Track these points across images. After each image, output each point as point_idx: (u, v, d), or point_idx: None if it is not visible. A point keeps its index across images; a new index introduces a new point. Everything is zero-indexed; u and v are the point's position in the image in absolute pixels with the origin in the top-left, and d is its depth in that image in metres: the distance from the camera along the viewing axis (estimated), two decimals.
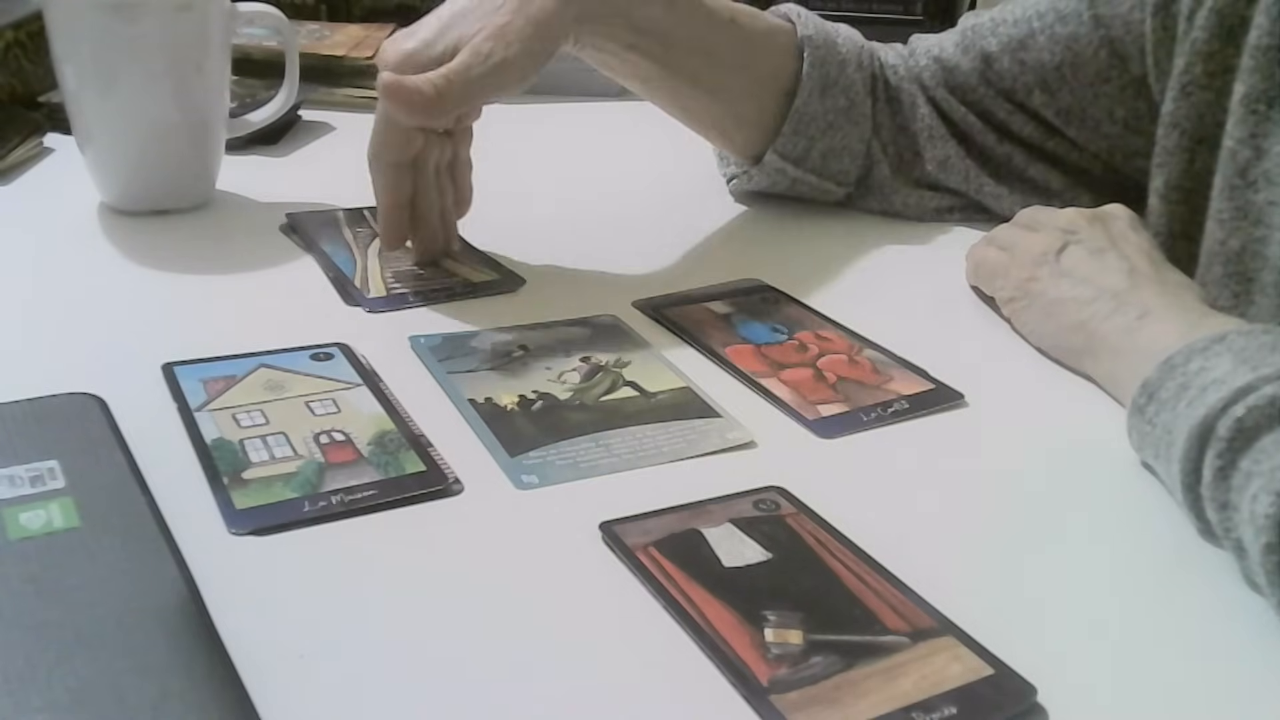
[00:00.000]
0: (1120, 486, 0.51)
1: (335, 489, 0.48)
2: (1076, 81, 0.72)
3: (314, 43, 1.04)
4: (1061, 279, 0.61)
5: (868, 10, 1.23)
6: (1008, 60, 0.73)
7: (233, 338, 0.59)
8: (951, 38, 0.78)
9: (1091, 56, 0.70)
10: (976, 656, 0.39)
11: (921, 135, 0.77)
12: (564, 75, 1.10)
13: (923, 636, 0.40)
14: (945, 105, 0.77)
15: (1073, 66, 0.71)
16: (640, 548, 0.44)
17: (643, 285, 0.68)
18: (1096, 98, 0.71)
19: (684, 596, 0.42)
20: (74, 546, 0.43)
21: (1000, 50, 0.74)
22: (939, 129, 0.77)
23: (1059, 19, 0.72)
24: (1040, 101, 0.74)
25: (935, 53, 0.78)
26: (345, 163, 0.89)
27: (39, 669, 0.37)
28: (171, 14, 0.71)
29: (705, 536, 0.45)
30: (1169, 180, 0.67)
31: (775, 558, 0.44)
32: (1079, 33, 0.71)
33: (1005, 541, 0.47)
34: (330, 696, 0.38)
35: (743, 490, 0.49)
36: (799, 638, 0.40)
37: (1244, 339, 0.49)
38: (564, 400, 0.56)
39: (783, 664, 0.39)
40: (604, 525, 0.46)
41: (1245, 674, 0.41)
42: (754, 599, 0.42)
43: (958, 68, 0.76)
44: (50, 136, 0.88)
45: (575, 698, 0.38)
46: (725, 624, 0.41)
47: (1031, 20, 0.73)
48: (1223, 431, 0.45)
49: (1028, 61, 0.73)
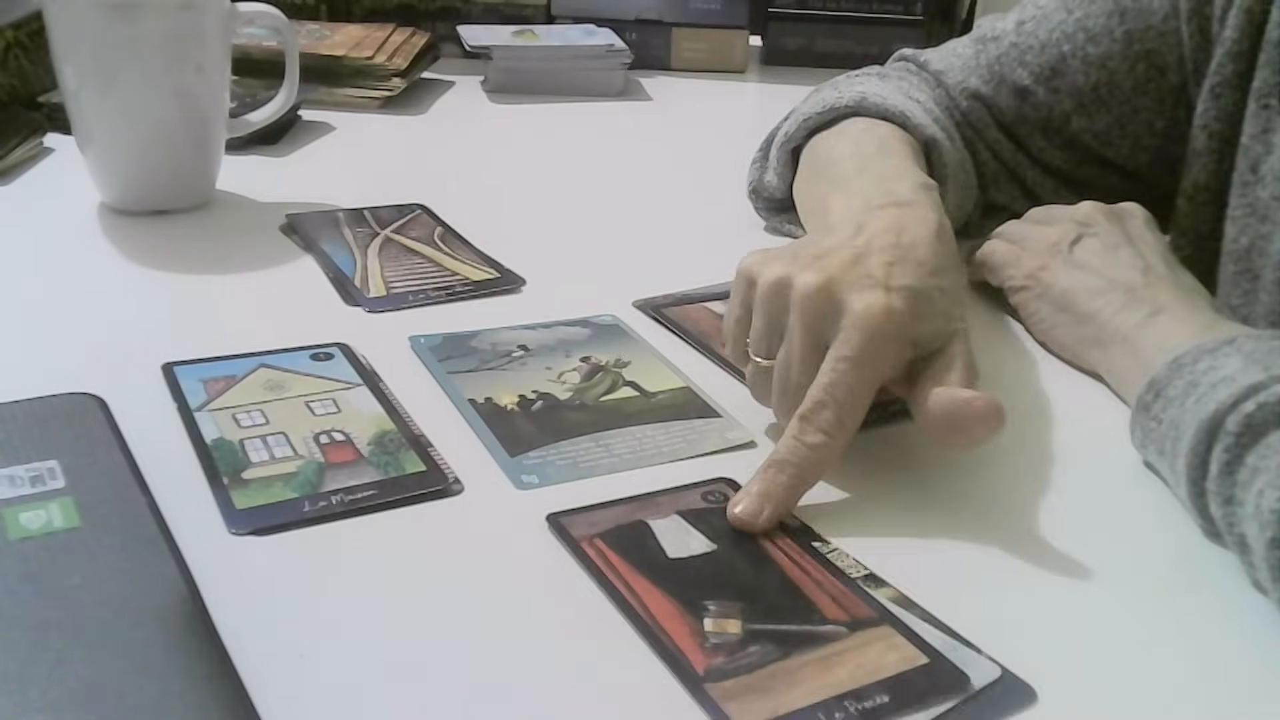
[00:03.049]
0: (1120, 487, 0.51)
1: (335, 489, 0.48)
2: (1114, 100, 0.69)
3: (314, 43, 1.04)
4: (1074, 270, 0.61)
5: (868, 10, 1.23)
6: (1043, 91, 0.70)
7: (233, 338, 0.59)
8: (975, 72, 0.73)
9: (1128, 72, 0.68)
10: (912, 646, 0.40)
11: (987, 178, 0.74)
12: (564, 75, 1.11)
13: (861, 626, 0.41)
14: (997, 147, 0.73)
15: (1109, 86, 0.69)
16: (586, 539, 0.45)
17: (643, 285, 0.68)
18: (1135, 113, 0.69)
19: (626, 587, 0.43)
20: (74, 546, 0.43)
21: (1034, 82, 0.71)
22: (1001, 172, 0.73)
23: (1089, 39, 0.69)
24: (1079, 127, 0.71)
25: (971, 89, 0.73)
26: (345, 163, 0.90)
27: (39, 669, 0.37)
28: (171, 14, 0.71)
29: (651, 528, 0.46)
30: (1196, 181, 0.66)
31: (719, 549, 0.45)
32: (1112, 50, 0.68)
33: (1005, 542, 0.47)
34: (330, 696, 0.38)
35: (692, 482, 0.49)
36: (737, 627, 0.40)
37: (1253, 342, 0.49)
38: (564, 400, 0.56)
39: (720, 653, 0.40)
40: (551, 517, 0.46)
41: (1244, 675, 0.41)
42: (696, 589, 0.43)
43: (996, 104, 0.72)
44: (50, 136, 0.88)
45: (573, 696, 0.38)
46: (665, 614, 0.41)
47: (1060, 44, 0.70)
48: (1231, 426, 0.45)
49: (1063, 88, 0.70)
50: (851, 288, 0.48)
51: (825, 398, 0.47)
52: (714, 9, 1.20)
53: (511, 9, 1.21)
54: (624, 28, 1.17)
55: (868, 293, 0.48)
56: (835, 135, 0.68)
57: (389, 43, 1.07)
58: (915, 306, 0.49)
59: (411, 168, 0.90)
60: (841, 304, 0.48)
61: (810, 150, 0.70)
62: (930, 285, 0.50)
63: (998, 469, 0.52)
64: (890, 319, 0.48)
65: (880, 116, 0.67)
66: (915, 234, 0.52)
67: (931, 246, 0.52)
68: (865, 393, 0.48)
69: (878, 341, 0.47)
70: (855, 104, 0.68)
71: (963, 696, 0.38)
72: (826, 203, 0.60)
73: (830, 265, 0.50)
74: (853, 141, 0.66)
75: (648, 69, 1.19)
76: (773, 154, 0.74)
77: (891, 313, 0.48)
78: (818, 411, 0.47)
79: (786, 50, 1.25)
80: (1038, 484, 0.51)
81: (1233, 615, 0.43)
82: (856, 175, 0.61)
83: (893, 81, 0.73)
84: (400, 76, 1.03)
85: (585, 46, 1.11)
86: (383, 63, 1.03)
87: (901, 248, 0.51)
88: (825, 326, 0.48)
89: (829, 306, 0.48)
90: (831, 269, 0.49)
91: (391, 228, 0.76)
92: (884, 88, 0.70)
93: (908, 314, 0.48)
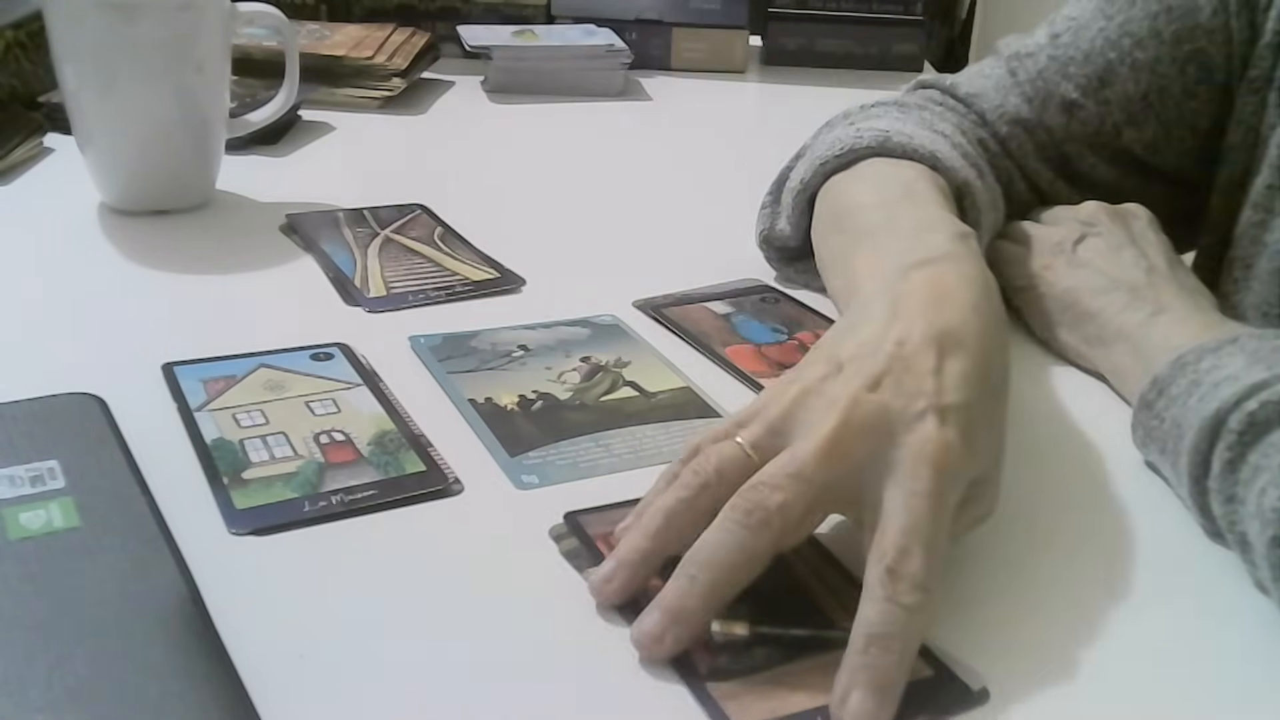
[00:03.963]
0: (1120, 487, 0.51)
1: (335, 489, 0.48)
2: (1164, 106, 0.66)
3: (314, 43, 1.04)
4: (1078, 269, 0.61)
5: (868, 10, 1.23)
6: (1093, 104, 0.67)
7: (233, 338, 0.59)
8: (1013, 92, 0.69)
9: (1178, 75, 0.65)
10: (919, 658, 0.39)
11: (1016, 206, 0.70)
12: (564, 75, 1.11)
13: None
14: (1036, 177, 0.69)
15: (1160, 91, 0.66)
16: (600, 537, 0.45)
17: (643, 285, 0.68)
18: (1183, 116, 0.66)
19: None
20: (74, 546, 0.43)
21: (1082, 95, 0.67)
22: (1034, 203, 0.70)
23: (1136, 44, 0.65)
24: (1129, 138, 0.67)
25: (1011, 113, 0.68)
26: (345, 163, 0.90)
27: (39, 669, 0.37)
28: (171, 14, 0.71)
29: None
30: (1231, 177, 0.65)
31: None
32: (1161, 54, 0.65)
33: (1004, 543, 0.47)
34: (330, 696, 0.38)
35: None
36: (745, 629, 0.40)
37: (1256, 341, 0.49)
38: (564, 400, 0.56)
39: (724, 653, 0.40)
40: (569, 515, 0.47)
41: (1246, 675, 0.41)
42: None
43: (1041, 125, 0.68)
44: (50, 136, 0.88)
45: (573, 694, 0.38)
46: None
47: (1106, 52, 0.66)
48: (1234, 425, 0.45)
49: (1112, 99, 0.66)
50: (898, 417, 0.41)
51: (908, 543, 0.39)
52: (714, 9, 1.20)
53: (511, 9, 1.21)
54: (624, 28, 1.17)
55: (919, 423, 0.41)
56: (854, 178, 0.62)
57: (389, 43, 1.07)
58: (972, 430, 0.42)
59: (411, 168, 0.90)
60: (891, 433, 0.41)
61: (827, 196, 0.64)
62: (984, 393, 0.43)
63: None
64: (949, 454, 0.40)
65: (905, 157, 0.62)
66: (959, 299, 0.45)
67: (981, 318, 0.45)
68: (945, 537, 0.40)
69: (946, 488, 0.40)
70: (877, 144, 0.62)
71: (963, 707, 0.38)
72: (851, 263, 0.55)
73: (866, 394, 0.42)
74: (874, 187, 0.60)
75: (648, 69, 1.19)
76: (785, 200, 0.67)
77: (950, 449, 0.40)
78: (903, 561, 0.38)
79: (786, 50, 1.25)
80: (1038, 484, 0.51)
81: (1234, 616, 0.43)
82: (883, 227, 0.55)
83: (914, 114, 0.68)
84: (400, 76, 1.03)
85: (585, 46, 1.11)
86: (383, 63, 1.03)
87: (946, 333, 0.44)
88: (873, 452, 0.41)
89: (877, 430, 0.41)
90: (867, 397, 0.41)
91: (391, 228, 0.76)
92: (906, 123, 0.65)
93: (966, 444, 0.41)
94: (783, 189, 0.69)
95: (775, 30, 1.25)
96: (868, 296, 0.48)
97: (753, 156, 0.79)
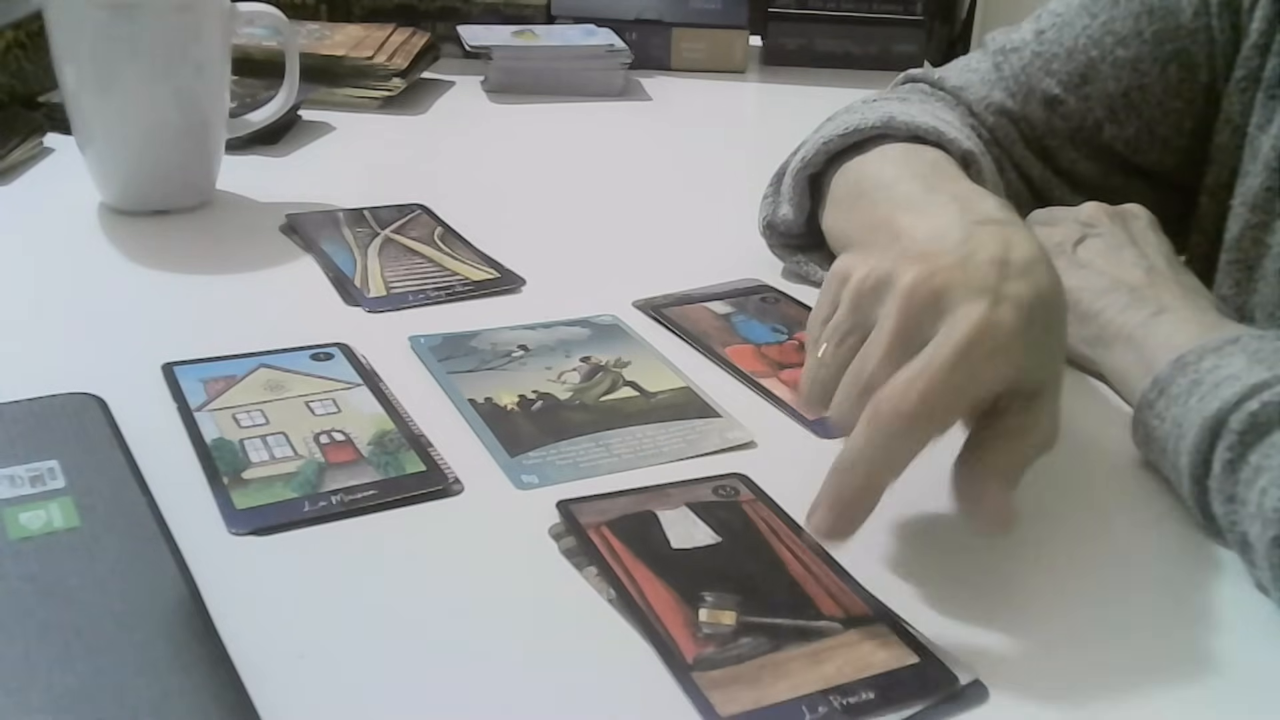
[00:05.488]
0: (1120, 487, 0.51)
1: (335, 489, 0.48)
2: (1145, 104, 0.67)
3: (314, 43, 1.04)
4: (1078, 269, 0.61)
5: (868, 10, 1.23)
6: (1074, 100, 0.68)
7: (233, 338, 0.59)
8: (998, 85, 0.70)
9: (1159, 75, 0.66)
10: (904, 644, 0.40)
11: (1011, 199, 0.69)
12: (564, 75, 1.11)
13: (855, 623, 0.41)
14: (1024, 164, 0.70)
15: (1140, 90, 0.67)
16: (593, 526, 0.46)
17: (643, 285, 0.68)
18: (1166, 115, 0.67)
19: (627, 576, 0.43)
20: (74, 546, 0.43)
21: (1064, 90, 0.68)
22: (1026, 193, 0.71)
23: (1118, 43, 0.66)
24: (1110, 135, 0.68)
25: (996, 104, 0.69)
26: (345, 163, 0.90)
27: (39, 669, 0.37)
28: (171, 14, 0.71)
29: (659, 518, 0.46)
30: (1219, 178, 0.65)
31: (724, 541, 0.45)
32: (1142, 53, 0.66)
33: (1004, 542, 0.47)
34: (330, 696, 0.38)
35: (704, 476, 0.49)
36: (731, 619, 0.41)
37: (1258, 342, 0.49)
38: (564, 400, 0.56)
39: (711, 643, 0.40)
40: (561, 504, 0.47)
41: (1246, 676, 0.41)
42: (695, 580, 0.43)
43: (1026, 118, 0.69)
44: (50, 136, 0.88)
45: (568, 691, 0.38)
46: (662, 602, 0.42)
47: (1088, 50, 0.67)
48: (1235, 425, 0.45)
49: (1093, 95, 0.67)
50: (960, 289, 0.42)
51: (909, 376, 0.41)
52: (714, 9, 1.20)
53: (511, 9, 1.21)
54: (624, 28, 1.17)
55: (977, 299, 0.42)
56: (876, 159, 0.62)
57: (389, 43, 1.07)
58: (1024, 326, 0.42)
59: (411, 168, 0.90)
60: (946, 305, 0.42)
61: (845, 176, 0.64)
62: (1044, 305, 0.44)
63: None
64: (996, 331, 0.42)
65: (911, 137, 0.62)
66: (1026, 252, 0.45)
67: (1047, 267, 0.46)
68: (953, 405, 0.41)
69: (979, 354, 0.41)
70: (882, 125, 0.63)
71: (949, 695, 0.38)
72: (894, 223, 0.55)
73: (939, 263, 0.44)
74: (898, 164, 0.60)
75: (648, 69, 1.19)
76: (786, 182, 0.68)
77: (998, 326, 0.42)
78: (894, 391, 0.41)
79: (786, 50, 1.25)
80: (1038, 484, 0.51)
81: (1234, 616, 0.43)
82: (927, 194, 0.55)
83: (915, 104, 0.68)
84: (400, 76, 1.03)
85: (585, 46, 1.11)
86: (383, 63, 1.03)
87: (1013, 264, 0.44)
88: (923, 327, 0.42)
89: (933, 305, 0.42)
90: (940, 266, 0.43)
91: (391, 228, 0.76)
92: (908, 108, 0.66)
93: (1015, 331, 0.42)
94: (783, 177, 0.70)
95: (775, 30, 1.25)
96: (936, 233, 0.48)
97: (753, 156, 0.79)
